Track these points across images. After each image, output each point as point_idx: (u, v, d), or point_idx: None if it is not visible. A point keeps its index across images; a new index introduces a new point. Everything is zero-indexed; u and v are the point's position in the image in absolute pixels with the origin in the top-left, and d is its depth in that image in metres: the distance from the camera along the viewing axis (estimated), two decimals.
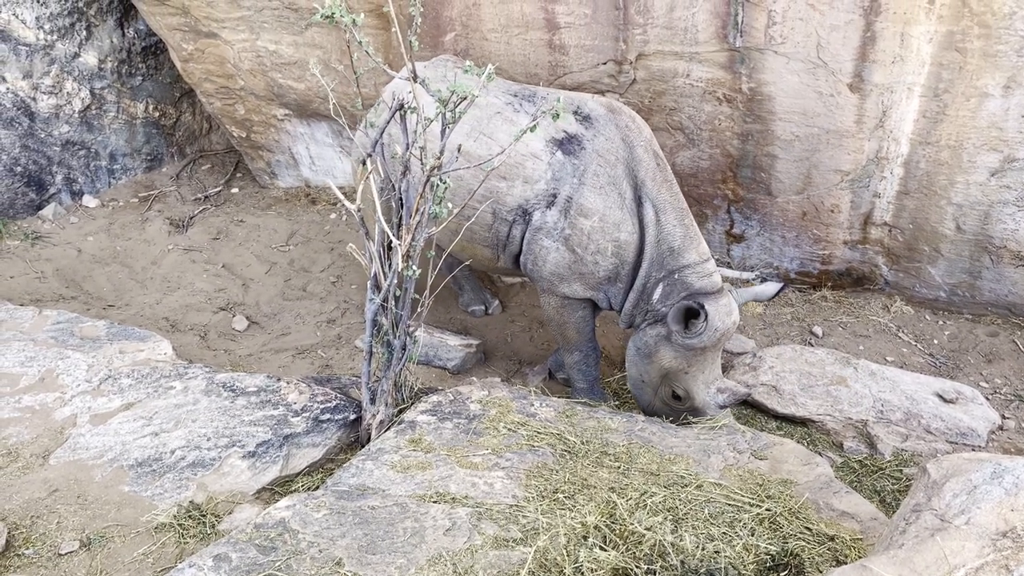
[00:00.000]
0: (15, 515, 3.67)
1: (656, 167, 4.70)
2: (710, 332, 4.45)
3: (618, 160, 4.69)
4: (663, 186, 4.68)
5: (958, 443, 4.75)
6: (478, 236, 4.91)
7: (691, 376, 4.61)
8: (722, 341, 4.57)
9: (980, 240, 5.45)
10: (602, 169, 4.69)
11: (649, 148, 4.73)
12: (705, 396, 4.60)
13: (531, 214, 4.83)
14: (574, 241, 4.75)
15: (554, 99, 4.97)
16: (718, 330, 4.47)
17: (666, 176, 4.73)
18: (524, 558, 3.17)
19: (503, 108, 4.94)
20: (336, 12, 3.52)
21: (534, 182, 4.78)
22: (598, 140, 4.71)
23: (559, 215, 4.75)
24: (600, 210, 4.69)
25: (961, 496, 2.26)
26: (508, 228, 4.93)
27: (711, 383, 4.62)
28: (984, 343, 5.65)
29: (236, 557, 3.16)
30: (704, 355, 4.55)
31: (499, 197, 4.82)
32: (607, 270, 4.78)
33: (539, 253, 4.86)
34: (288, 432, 4.23)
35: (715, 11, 5.27)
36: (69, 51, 7.39)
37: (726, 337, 4.58)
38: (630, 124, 4.76)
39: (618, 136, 4.71)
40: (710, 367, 4.60)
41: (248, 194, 8.29)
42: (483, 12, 5.97)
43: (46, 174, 7.50)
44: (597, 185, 4.69)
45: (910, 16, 4.86)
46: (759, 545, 3.27)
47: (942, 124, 5.17)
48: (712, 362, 4.61)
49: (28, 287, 6.49)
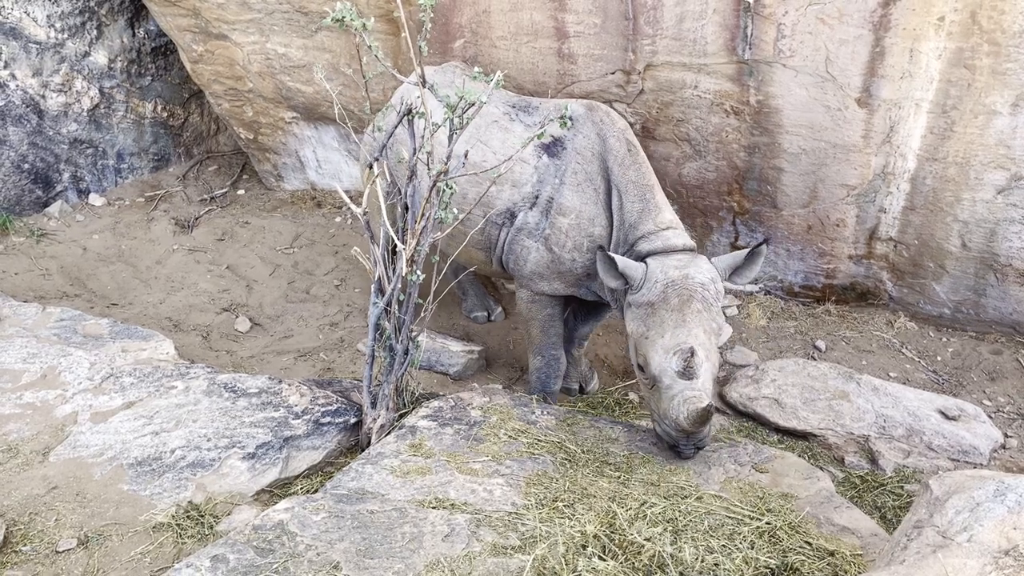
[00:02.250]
0: (14, 511, 3.67)
1: (627, 152, 4.71)
2: (649, 283, 4.20)
3: (594, 155, 4.76)
4: (630, 168, 4.67)
5: (960, 461, 4.73)
6: (472, 239, 4.93)
7: (650, 341, 4.16)
8: (673, 297, 4.14)
9: (985, 258, 5.43)
10: (580, 167, 4.76)
11: (622, 137, 4.76)
12: (662, 362, 4.06)
13: (515, 215, 4.91)
14: (553, 240, 4.80)
15: (547, 109, 5.03)
16: (659, 281, 4.18)
17: (635, 159, 4.71)
18: (522, 566, 3.16)
19: (500, 117, 5.04)
20: (347, 16, 3.53)
21: (521, 185, 4.87)
22: (577, 139, 4.79)
23: (540, 215, 4.83)
24: (577, 207, 4.75)
25: (964, 513, 2.24)
26: (498, 231, 5.01)
27: (670, 348, 4.06)
28: (988, 361, 5.64)
29: (234, 558, 3.15)
30: (657, 314, 4.15)
31: (490, 201, 4.88)
32: (584, 266, 4.81)
33: (520, 253, 4.92)
34: (288, 434, 4.22)
35: (724, 23, 5.28)
36: (79, 50, 7.41)
37: (678, 293, 4.14)
38: (604, 118, 4.82)
39: (594, 132, 4.78)
40: (670, 331, 4.10)
41: (254, 196, 8.31)
42: (493, 19, 5.98)
43: (53, 172, 7.52)
44: (575, 183, 4.75)
45: (920, 32, 4.87)
46: (759, 558, 3.26)
47: (949, 141, 5.16)
48: (675, 325, 4.10)
49: (32, 284, 6.50)
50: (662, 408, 4.06)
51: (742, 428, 4.96)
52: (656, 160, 6.16)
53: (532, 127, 4.94)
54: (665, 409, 4.03)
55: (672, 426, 4.02)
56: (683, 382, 4.00)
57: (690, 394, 3.96)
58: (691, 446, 4.10)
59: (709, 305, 4.19)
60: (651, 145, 6.07)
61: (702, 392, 3.98)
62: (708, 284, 4.21)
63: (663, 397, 4.05)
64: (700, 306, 4.16)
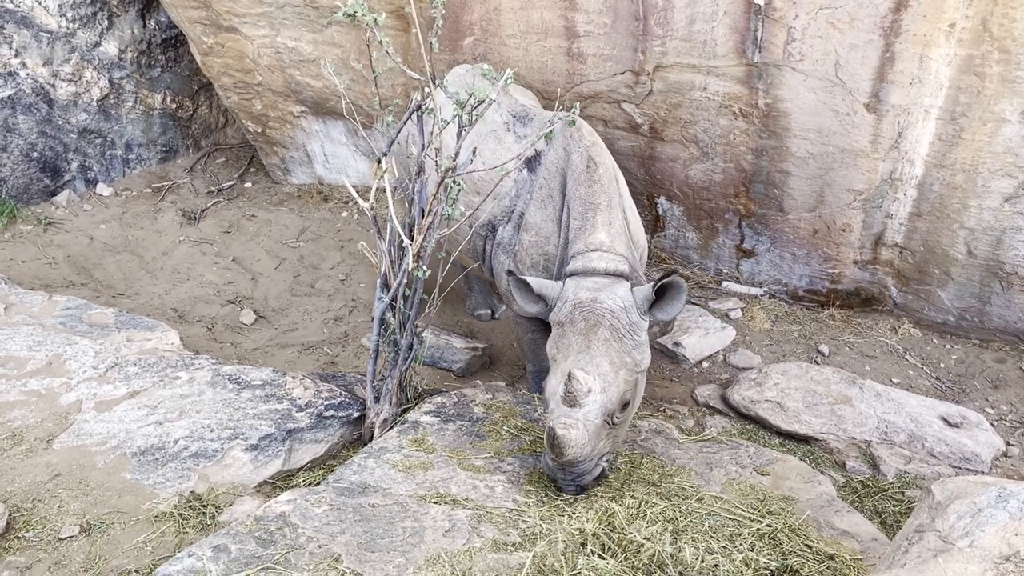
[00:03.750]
0: (17, 498, 3.69)
1: (584, 168, 4.33)
2: (561, 302, 3.92)
3: (557, 170, 4.50)
4: (582, 185, 4.30)
5: (961, 468, 4.73)
6: (463, 248, 4.88)
7: (556, 363, 3.85)
8: (580, 320, 3.82)
9: (991, 265, 5.43)
10: (545, 182, 4.54)
11: (585, 153, 4.39)
12: (554, 385, 3.71)
13: (496, 228, 4.81)
14: (519, 257, 4.61)
15: (541, 120, 4.88)
16: (568, 301, 3.88)
17: (591, 175, 4.31)
18: (522, 562, 3.17)
19: (499, 127, 4.90)
20: (359, 11, 3.54)
21: (502, 199, 4.71)
22: (549, 154, 4.55)
23: (513, 231, 4.68)
24: (537, 224, 4.54)
25: (965, 519, 2.25)
26: (483, 242, 4.89)
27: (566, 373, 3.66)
28: (991, 369, 5.63)
29: (235, 548, 3.16)
30: (566, 336, 3.84)
31: (475, 213, 4.74)
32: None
33: (497, 269, 4.81)
34: (291, 427, 4.23)
35: (735, 26, 5.28)
36: (90, 40, 7.44)
37: (585, 317, 3.81)
38: (574, 133, 4.49)
39: (561, 146, 4.51)
40: (573, 355, 3.74)
41: (261, 189, 8.32)
42: (503, 18, 5.99)
43: (62, 161, 7.55)
44: (540, 199, 4.54)
45: (930, 38, 4.86)
46: (759, 560, 3.26)
47: (958, 148, 5.16)
48: (578, 351, 3.75)
49: (39, 272, 6.52)
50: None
51: (744, 431, 4.96)
52: (664, 161, 6.16)
53: (522, 138, 4.81)
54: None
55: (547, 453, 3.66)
56: (564, 408, 3.59)
57: (563, 419, 3.54)
58: (569, 481, 3.69)
59: (620, 336, 3.81)
60: (658, 146, 6.07)
61: (575, 420, 3.53)
62: (619, 312, 3.84)
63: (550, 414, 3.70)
64: (608, 334, 3.79)
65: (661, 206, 6.47)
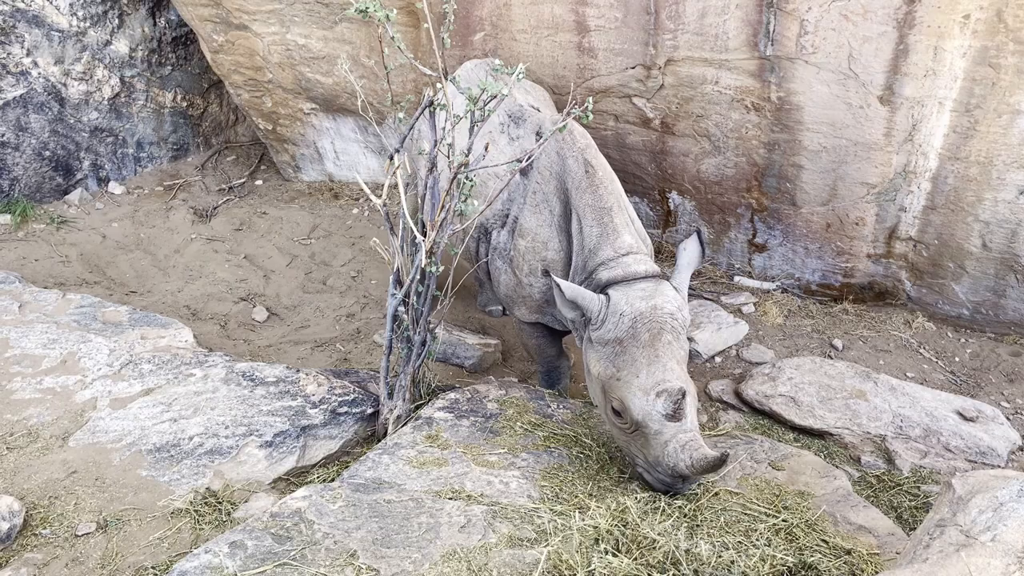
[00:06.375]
0: (33, 495, 3.70)
1: (584, 175, 4.31)
2: (614, 318, 3.82)
3: (552, 175, 4.45)
4: (587, 192, 4.27)
5: (977, 462, 4.70)
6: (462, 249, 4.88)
7: (624, 383, 3.74)
8: (643, 332, 3.77)
9: (1006, 258, 5.39)
10: (539, 187, 4.49)
11: (580, 157, 4.36)
12: (643, 404, 3.65)
13: (490, 233, 4.78)
14: (515, 263, 4.59)
15: (534, 121, 4.82)
16: (625, 315, 3.80)
17: (592, 180, 4.29)
18: (538, 559, 3.16)
19: (494, 128, 4.83)
20: (371, 7, 3.54)
21: (494, 203, 4.64)
22: (542, 158, 4.48)
23: (508, 236, 4.65)
24: (533, 229, 4.48)
25: (987, 512, 2.23)
26: (476, 244, 4.88)
27: (650, 389, 3.66)
28: (1006, 362, 5.59)
29: (252, 545, 3.17)
30: (628, 352, 3.77)
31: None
32: (541, 292, 4.56)
33: (494, 274, 4.79)
34: (305, 423, 4.24)
35: (747, 19, 5.25)
36: (101, 38, 7.46)
37: (648, 327, 3.78)
38: (567, 136, 4.44)
39: (554, 150, 4.45)
40: (645, 369, 3.71)
41: (272, 186, 8.34)
42: (513, 12, 5.97)
43: (74, 159, 7.58)
44: (534, 203, 4.50)
45: (944, 30, 4.83)
46: (775, 556, 3.25)
47: (972, 140, 5.12)
48: (648, 363, 3.73)
49: (52, 270, 6.55)
50: (653, 455, 3.67)
51: (758, 426, 4.94)
52: (675, 156, 6.14)
53: (515, 140, 4.78)
54: (658, 456, 3.64)
55: (668, 473, 3.65)
56: (673, 425, 3.62)
57: (685, 438, 3.59)
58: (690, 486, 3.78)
59: (678, 335, 3.85)
60: (670, 140, 6.05)
61: (695, 434, 3.63)
62: (676, 313, 3.87)
63: (652, 443, 3.66)
64: (670, 337, 3.80)
65: (672, 201, 6.45)
